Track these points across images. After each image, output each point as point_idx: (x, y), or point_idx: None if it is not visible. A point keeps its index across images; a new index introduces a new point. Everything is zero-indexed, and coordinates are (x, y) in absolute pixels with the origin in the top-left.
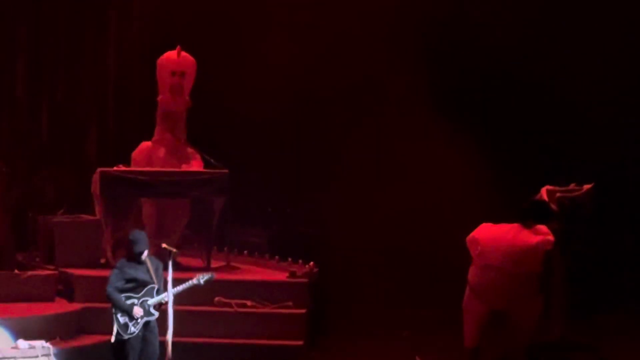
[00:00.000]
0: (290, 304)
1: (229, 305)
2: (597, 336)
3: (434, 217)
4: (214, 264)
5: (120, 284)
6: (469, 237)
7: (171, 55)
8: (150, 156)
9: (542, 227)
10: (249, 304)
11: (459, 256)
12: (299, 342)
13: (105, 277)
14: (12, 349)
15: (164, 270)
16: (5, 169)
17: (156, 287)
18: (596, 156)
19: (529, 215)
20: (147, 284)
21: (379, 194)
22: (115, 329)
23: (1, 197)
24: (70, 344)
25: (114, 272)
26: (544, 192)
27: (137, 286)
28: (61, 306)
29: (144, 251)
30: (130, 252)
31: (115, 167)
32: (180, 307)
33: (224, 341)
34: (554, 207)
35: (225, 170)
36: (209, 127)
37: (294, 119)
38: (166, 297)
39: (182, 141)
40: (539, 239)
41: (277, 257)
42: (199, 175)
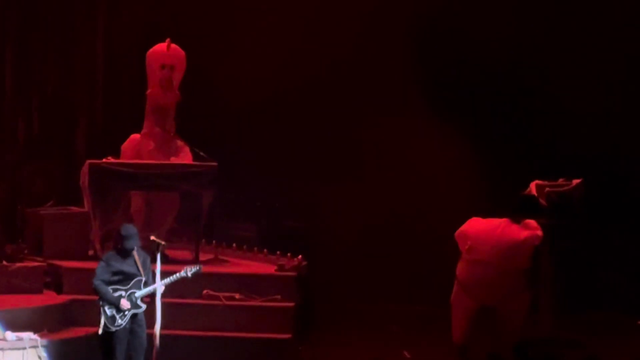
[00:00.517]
0: (278, 297)
1: (217, 298)
2: (585, 332)
3: (423, 212)
4: (202, 257)
5: (107, 276)
6: (458, 232)
7: (161, 48)
8: (139, 149)
9: (532, 222)
10: (237, 297)
11: (447, 251)
12: (287, 336)
13: (93, 270)
14: (0, 340)
15: (152, 262)
16: None
17: (143, 279)
18: (585, 151)
19: (518, 210)
20: (134, 276)
21: (367, 188)
22: (102, 321)
23: None
24: (58, 336)
25: (101, 264)
26: (533, 187)
27: (124, 279)
28: (49, 298)
29: (134, 248)
30: (119, 246)
31: (104, 159)
32: (168, 299)
33: (212, 334)
34: (543, 201)
35: (214, 163)
36: (199, 119)
37: (284, 112)
38: (153, 290)
39: (171, 134)
40: (528, 234)
41: (265, 250)
42: (188, 168)
